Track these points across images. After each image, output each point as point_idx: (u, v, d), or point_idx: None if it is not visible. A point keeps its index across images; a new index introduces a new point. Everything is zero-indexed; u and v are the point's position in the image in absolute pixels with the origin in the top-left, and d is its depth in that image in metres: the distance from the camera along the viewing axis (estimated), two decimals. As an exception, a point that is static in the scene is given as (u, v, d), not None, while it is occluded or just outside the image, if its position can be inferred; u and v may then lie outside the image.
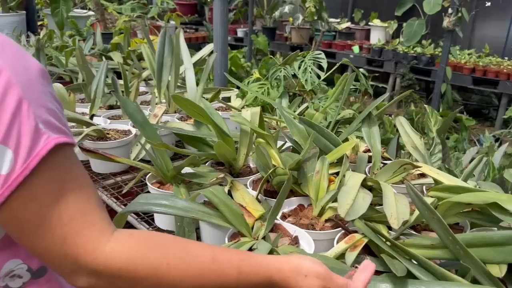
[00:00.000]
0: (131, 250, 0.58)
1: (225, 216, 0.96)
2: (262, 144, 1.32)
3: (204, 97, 1.81)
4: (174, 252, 0.61)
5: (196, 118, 1.29)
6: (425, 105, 2.37)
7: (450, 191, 1.07)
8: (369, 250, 1.00)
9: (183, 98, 1.15)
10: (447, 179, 1.10)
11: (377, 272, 0.91)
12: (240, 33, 7.00)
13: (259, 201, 1.20)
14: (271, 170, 1.18)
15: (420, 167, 1.10)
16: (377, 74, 5.24)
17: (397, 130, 1.46)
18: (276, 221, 1.08)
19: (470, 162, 2.29)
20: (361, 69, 4.54)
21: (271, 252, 0.92)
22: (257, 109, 1.34)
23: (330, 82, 2.98)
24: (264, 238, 0.99)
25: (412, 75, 4.99)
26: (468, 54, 5.27)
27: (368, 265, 0.69)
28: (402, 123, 1.29)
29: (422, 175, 1.30)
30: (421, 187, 1.28)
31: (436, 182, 1.12)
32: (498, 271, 0.79)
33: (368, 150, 1.45)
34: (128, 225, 1.32)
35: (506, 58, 5.17)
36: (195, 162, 1.15)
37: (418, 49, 5.32)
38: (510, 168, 1.30)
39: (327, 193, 1.11)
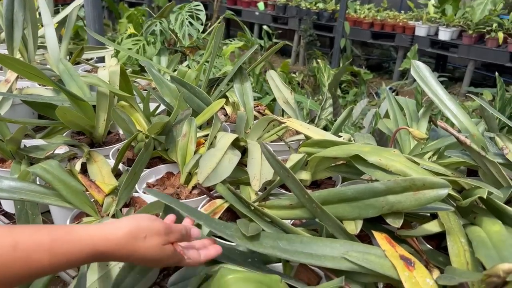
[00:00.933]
0: None
1: (62, 195, 0.82)
2: (125, 108, 1.18)
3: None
4: None
5: (32, 80, 1.11)
6: (318, 60, 2.34)
7: (319, 145, 1.02)
8: (235, 215, 0.93)
9: (8, 57, 0.97)
10: (316, 134, 1.05)
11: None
12: (140, -10, 6.53)
13: (121, 173, 1.08)
14: (132, 137, 1.06)
15: (284, 122, 1.03)
16: (280, 31, 5.19)
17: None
18: (134, 193, 0.97)
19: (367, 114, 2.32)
20: (265, 26, 4.46)
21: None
22: (117, 67, 1.18)
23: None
24: (114, 215, 0.87)
25: (313, 31, 5.00)
26: (368, 9, 5.39)
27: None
28: (273, 77, 1.21)
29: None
30: (298, 143, 1.23)
31: (307, 137, 1.07)
32: (354, 227, 0.75)
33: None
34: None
35: (403, 11, 5.37)
36: (31, 134, 0.98)
37: (320, 5, 5.34)
38: (385, 118, 1.30)
39: (193, 157, 1.02)
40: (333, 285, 0.59)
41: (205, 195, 0.97)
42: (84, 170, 1.05)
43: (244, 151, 1.11)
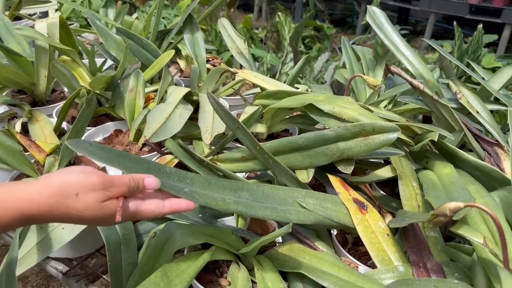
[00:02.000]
0: None
1: (-4, 155, 0.76)
2: (66, 63, 1.10)
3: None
4: None
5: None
6: (278, 13, 2.27)
7: (274, 97, 0.99)
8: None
9: None
10: (271, 85, 1.01)
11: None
12: None
13: (65, 132, 1.01)
14: (74, 93, 0.99)
15: (236, 72, 0.99)
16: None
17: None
18: (79, 152, 0.92)
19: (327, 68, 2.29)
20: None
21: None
22: (55, 19, 1.09)
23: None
24: (57, 174, 0.82)
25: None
26: (331, -39, 5.26)
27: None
28: (225, 26, 1.15)
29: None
30: (254, 96, 1.20)
31: (262, 89, 1.03)
32: (306, 176, 0.73)
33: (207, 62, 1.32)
34: None
35: (365, -37, 5.26)
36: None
37: (283, -43, 5.16)
38: (342, 69, 1.27)
39: (141, 113, 0.96)
40: (282, 232, 0.58)
41: (156, 152, 0.92)
42: (26, 130, 0.98)
43: (198, 106, 1.06)
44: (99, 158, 0.57)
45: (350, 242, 0.73)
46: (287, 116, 1.02)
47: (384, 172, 0.76)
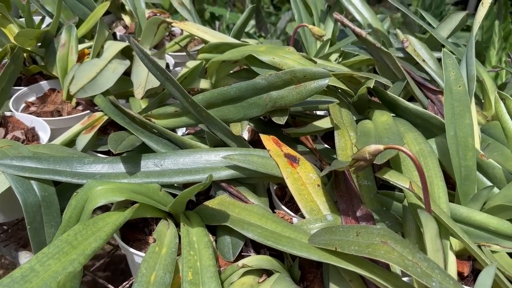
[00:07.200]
0: None
1: None
2: (-6, 19, 1.02)
3: None
4: None
5: None
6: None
7: (218, 50, 0.94)
8: (122, 129, 0.85)
9: None
10: (214, 37, 0.96)
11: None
12: None
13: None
14: (1, 51, 0.92)
15: (171, 22, 0.93)
16: None
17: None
18: (6, 113, 0.86)
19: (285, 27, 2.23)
20: None
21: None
22: (-23, -30, 1.00)
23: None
24: (-22, 136, 0.77)
25: None
26: None
27: None
28: (164, -24, 1.08)
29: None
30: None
31: (206, 43, 0.98)
32: (239, 129, 0.70)
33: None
34: None
35: None
36: None
37: None
38: (293, 21, 1.22)
39: (72, 69, 0.90)
40: (201, 185, 0.55)
41: (89, 111, 0.87)
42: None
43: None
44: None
45: (288, 196, 0.71)
46: (232, 71, 0.97)
47: (323, 123, 0.73)
